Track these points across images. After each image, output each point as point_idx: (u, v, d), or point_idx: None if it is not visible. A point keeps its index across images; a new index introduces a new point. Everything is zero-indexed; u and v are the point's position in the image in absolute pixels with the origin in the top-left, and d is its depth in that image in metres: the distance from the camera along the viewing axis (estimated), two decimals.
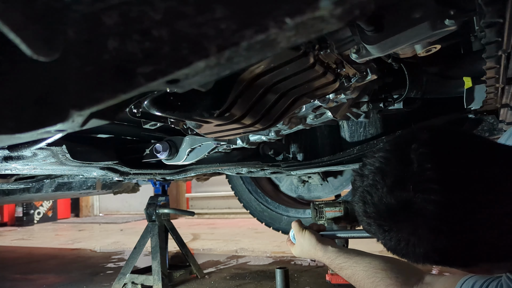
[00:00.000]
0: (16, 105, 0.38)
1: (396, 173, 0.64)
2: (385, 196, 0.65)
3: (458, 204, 0.60)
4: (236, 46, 0.32)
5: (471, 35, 1.08)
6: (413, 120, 1.62)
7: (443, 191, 0.60)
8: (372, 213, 0.68)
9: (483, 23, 0.69)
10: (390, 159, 0.67)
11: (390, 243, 0.68)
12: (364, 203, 0.69)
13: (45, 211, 8.60)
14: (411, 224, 0.63)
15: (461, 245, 0.63)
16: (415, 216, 0.62)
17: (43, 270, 3.49)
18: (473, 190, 0.61)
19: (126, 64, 0.34)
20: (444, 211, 0.60)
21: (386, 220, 0.66)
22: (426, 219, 0.61)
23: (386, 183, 0.65)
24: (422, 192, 0.61)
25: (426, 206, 0.61)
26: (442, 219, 0.61)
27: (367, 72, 1.00)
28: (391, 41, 0.77)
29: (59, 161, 1.20)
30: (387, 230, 0.67)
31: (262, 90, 0.83)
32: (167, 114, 0.77)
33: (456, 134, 0.68)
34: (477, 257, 0.65)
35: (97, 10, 0.33)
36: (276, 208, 2.88)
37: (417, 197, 0.61)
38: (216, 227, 6.20)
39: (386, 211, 0.65)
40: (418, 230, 0.63)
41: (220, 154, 1.79)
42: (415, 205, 0.62)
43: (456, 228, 0.61)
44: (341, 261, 1.11)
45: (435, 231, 0.61)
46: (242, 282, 2.70)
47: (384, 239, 0.68)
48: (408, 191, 0.62)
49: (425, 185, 0.61)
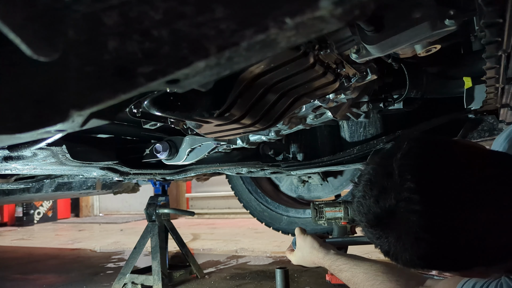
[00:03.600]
0: (16, 105, 0.38)
1: (381, 184, 0.70)
2: (372, 206, 0.70)
3: (438, 212, 0.64)
4: (236, 46, 0.32)
5: (471, 35, 1.08)
6: (413, 120, 1.62)
7: (423, 200, 0.64)
8: (364, 222, 0.74)
9: (483, 23, 0.69)
10: (376, 170, 0.73)
11: (384, 248, 0.73)
12: (359, 213, 0.75)
13: (45, 211, 8.59)
14: (396, 232, 0.68)
15: (444, 251, 0.65)
16: (398, 224, 0.67)
17: (43, 270, 3.49)
18: (454, 198, 0.64)
19: (126, 64, 0.34)
20: (425, 219, 0.64)
21: (376, 228, 0.72)
22: (408, 227, 0.65)
23: (373, 194, 0.71)
24: (404, 202, 0.65)
25: (408, 215, 0.65)
26: (424, 227, 0.64)
27: (367, 72, 1.00)
28: (391, 41, 0.77)
29: (59, 161, 1.20)
30: (378, 237, 0.72)
31: (262, 90, 0.83)
32: (167, 114, 0.77)
33: (438, 143, 0.72)
34: (466, 261, 0.67)
35: (97, 10, 0.33)
36: (276, 208, 2.88)
37: (399, 206, 0.66)
38: (216, 227, 6.19)
39: (374, 219, 0.71)
40: (402, 237, 0.67)
41: (220, 154, 1.79)
42: (398, 214, 0.66)
43: (437, 236, 0.64)
44: (341, 263, 1.13)
45: (418, 239, 0.65)
46: (242, 282, 2.70)
47: (378, 245, 0.74)
48: (391, 200, 0.67)
49: (406, 194, 0.65)
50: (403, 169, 0.67)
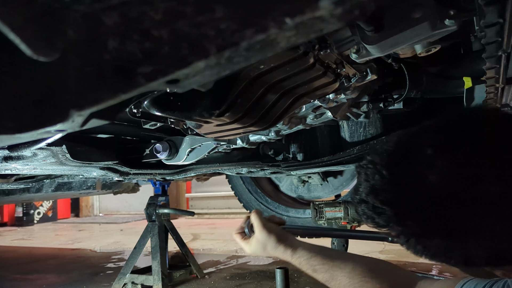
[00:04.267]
0: (16, 105, 0.38)
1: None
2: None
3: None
4: (236, 46, 0.32)
5: (471, 35, 1.08)
6: (413, 120, 1.61)
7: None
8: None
9: (483, 23, 0.69)
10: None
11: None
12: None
13: (45, 211, 8.60)
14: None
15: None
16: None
17: (43, 270, 3.49)
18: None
19: (126, 64, 0.34)
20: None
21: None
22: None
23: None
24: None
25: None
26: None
27: (367, 72, 1.00)
28: (391, 41, 0.77)
29: (59, 161, 1.20)
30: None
31: (262, 90, 0.83)
32: (167, 114, 0.77)
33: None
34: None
35: (97, 10, 0.33)
36: (276, 208, 2.88)
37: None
38: (216, 227, 6.19)
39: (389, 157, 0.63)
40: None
41: (220, 154, 1.79)
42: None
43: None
44: (317, 263, 1.00)
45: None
46: (242, 282, 2.70)
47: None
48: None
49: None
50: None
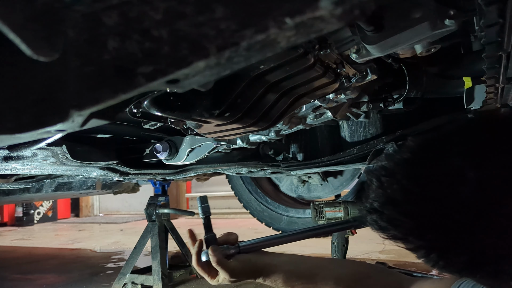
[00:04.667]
0: (16, 105, 0.38)
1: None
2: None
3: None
4: (236, 46, 0.32)
5: (471, 35, 1.08)
6: (413, 120, 1.62)
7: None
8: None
9: (483, 23, 0.69)
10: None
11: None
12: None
13: (45, 211, 8.60)
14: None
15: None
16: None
17: (43, 270, 3.49)
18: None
19: (126, 64, 0.34)
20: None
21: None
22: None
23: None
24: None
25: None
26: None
27: (367, 72, 1.00)
28: (391, 41, 0.77)
29: (59, 161, 1.20)
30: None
31: (262, 90, 0.83)
32: (167, 114, 0.77)
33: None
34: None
35: (97, 10, 0.33)
36: (276, 208, 2.88)
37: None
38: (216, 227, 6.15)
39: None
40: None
41: (220, 154, 1.79)
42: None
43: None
44: (296, 283, 0.93)
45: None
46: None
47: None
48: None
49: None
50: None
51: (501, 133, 0.54)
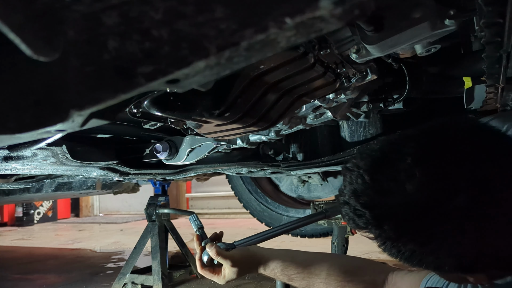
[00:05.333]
0: (16, 105, 0.38)
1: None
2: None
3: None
4: (236, 46, 0.32)
5: (471, 35, 1.08)
6: (413, 120, 1.62)
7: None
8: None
9: (483, 23, 0.69)
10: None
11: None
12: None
13: (45, 211, 8.60)
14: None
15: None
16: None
17: (43, 270, 3.49)
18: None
19: (126, 64, 0.34)
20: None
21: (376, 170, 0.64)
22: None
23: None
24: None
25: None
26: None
27: (367, 72, 1.00)
28: (391, 41, 0.77)
29: (59, 161, 1.20)
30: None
31: (262, 90, 0.83)
32: (167, 114, 0.77)
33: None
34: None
35: (97, 10, 0.33)
36: (276, 208, 2.88)
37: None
38: (216, 227, 6.18)
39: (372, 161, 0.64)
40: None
41: (220, 154, 1.79)
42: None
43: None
44: (292, 272, 1.02)
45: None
46: (242, 282, 2.70)
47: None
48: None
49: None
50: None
51: (447, 139, 0.62)
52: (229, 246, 1.08)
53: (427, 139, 0.63)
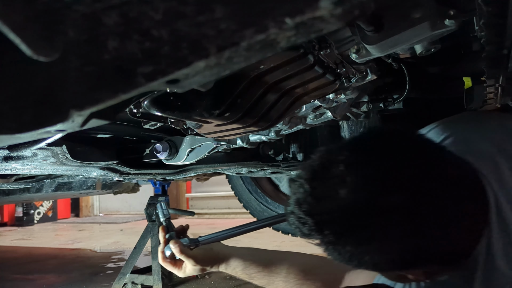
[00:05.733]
0: (16, 105, 0.38)
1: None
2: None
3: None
4: (236, 46, 0.32)
5: (471, 35, 1.08)
6: (413, 120, 1.62)
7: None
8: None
9: (483, 23, 0.69)
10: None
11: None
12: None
13: (45, 211, 8.59)
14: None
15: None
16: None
17: (43, 270, 3.49)
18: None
19: (126, 64, 0.34)
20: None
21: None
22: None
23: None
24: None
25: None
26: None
27: (367, 72, 1.00)
28: (391, 41, 0.77)
29: (59, 161, 1.20)
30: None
31: (262, 90, 0.83)
32: (167, 114, 0.77)
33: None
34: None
35: (97, 10, 0.33)
36: (276, 208, 2.88)
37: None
38: (216, 227, 6.19)
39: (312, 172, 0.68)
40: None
41: (220, 154, 1.79)
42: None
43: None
44: (253, 271, 1.05)
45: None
46: (242, 282, 2.70)
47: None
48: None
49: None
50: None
51: (376, 146, 0.66)
52: (193, 242, 1.09)
53: (358, 146, 0.68)
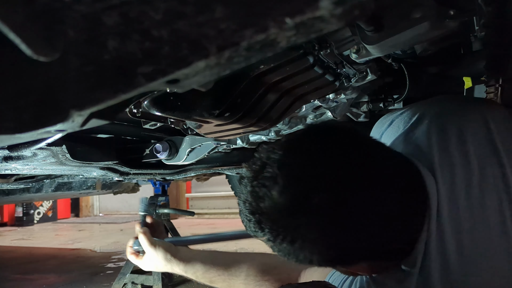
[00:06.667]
0: (16, 105, 0.38)
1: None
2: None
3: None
4: (236, 46, 0.32)
5: (471, 35, 1.08)
6: None
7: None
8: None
9: (483, 23, 0.69)
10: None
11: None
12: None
13: (45, 211, 8.59)
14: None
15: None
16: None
17: (43, 270, 3.49)
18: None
19: (126, 64, 0.34)
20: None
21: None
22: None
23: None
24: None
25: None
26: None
27: (367, 72, 1.00)
28: (391, 41, 0.77)
29: (59, 161, 1.20)
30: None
31: (262, 90, 0.83)
32: (167, 114, 0.77)
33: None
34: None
35: (97, 10, 0.33)
36: None
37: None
38: (216, 227, 6.19)
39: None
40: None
41: (220, 154, 1.79)
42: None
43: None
44: (213, 274, 1.08)
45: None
46: None
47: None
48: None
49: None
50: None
51: (306, 144, 0.67)
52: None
53: (291, 145, 0.69)
